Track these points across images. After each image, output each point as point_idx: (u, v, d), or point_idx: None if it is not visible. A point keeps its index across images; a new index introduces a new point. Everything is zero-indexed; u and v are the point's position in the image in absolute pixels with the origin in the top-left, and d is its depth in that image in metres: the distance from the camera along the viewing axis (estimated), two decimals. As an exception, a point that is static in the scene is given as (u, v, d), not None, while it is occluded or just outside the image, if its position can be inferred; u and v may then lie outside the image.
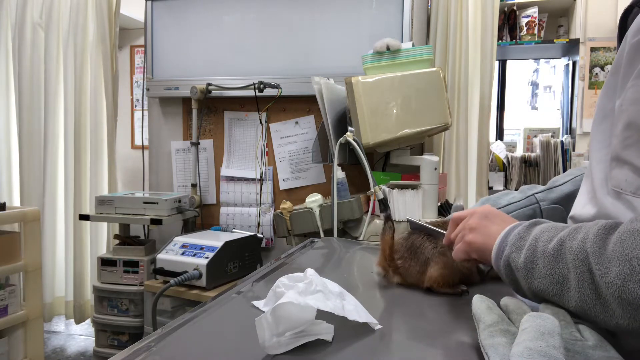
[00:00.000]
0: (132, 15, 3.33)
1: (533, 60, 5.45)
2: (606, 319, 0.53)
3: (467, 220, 0.73)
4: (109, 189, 2.81)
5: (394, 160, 2.02)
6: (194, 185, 2.49)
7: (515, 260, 0.62)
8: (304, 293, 0.62)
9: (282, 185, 2.46)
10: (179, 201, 2.37)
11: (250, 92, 2.34)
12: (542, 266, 0.58)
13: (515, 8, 2.97)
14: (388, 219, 0.85)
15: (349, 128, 1.95)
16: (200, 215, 2.51)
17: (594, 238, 0.53)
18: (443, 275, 0.78)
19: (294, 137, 2.45)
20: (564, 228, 0.60)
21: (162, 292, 1.92)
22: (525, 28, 2.94)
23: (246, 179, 2.51)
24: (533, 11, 2.93)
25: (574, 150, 2.94)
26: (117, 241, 2.47)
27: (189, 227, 2.49)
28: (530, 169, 3.01)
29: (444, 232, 0.81)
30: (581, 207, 0.70)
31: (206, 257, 1.98)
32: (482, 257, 0.70)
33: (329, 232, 1.83)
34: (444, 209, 1.99)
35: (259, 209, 2.48)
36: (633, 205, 0.58)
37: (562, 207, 0.91)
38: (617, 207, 0.60)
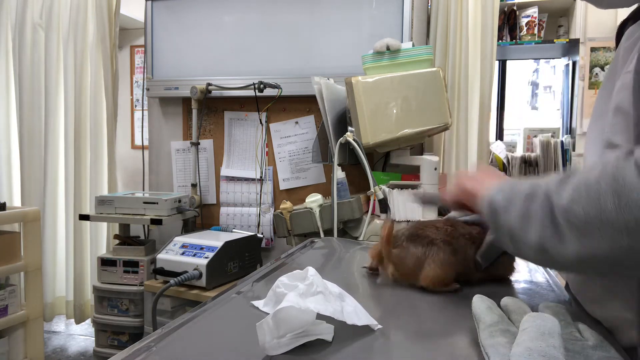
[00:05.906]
0: (132, 15, 3.33)
1: (533, 60, 5.44)
2: (561, 250, 0.54)
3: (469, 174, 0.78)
4: (109, 189, 2.81)
5: (394, 160, 2.02)
6: (194, 185, 2.49)
7: (496, 198, 0.64)
8: (305, 295, 0.62)
9: (282, 185, 2.46)
10: (179, 201, 2.37)
11: (250, 92, 2.34)
12: (517, 204, 0.60)
13: (515, 8, 2.97)
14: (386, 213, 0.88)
15: (349, 128, 1.95)
16: (200, 215, 2.51)
17: (559, 176, 0.56)
18: (438, 275, 0.77)
19: (294, 137, 2.45)
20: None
21: (162, 292, 1.92)
22: (525, 28, 2.93)
23: (246, 179, 2.51)
24: (533, 11, 2.92)
25: (574, 150, 2.94)
26: (117, 241, 2.47)
27: (189, 227, 2.49)
28: (530, 169, 3.01)
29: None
30: None
31: (206, 257, 1.98)
32: (470, 202, 0.72)
33: (329, 232, 1.83)
34: (444, 209, 1.99)
35: (259, 209, 2.48)
36: None
37: None
38: None
